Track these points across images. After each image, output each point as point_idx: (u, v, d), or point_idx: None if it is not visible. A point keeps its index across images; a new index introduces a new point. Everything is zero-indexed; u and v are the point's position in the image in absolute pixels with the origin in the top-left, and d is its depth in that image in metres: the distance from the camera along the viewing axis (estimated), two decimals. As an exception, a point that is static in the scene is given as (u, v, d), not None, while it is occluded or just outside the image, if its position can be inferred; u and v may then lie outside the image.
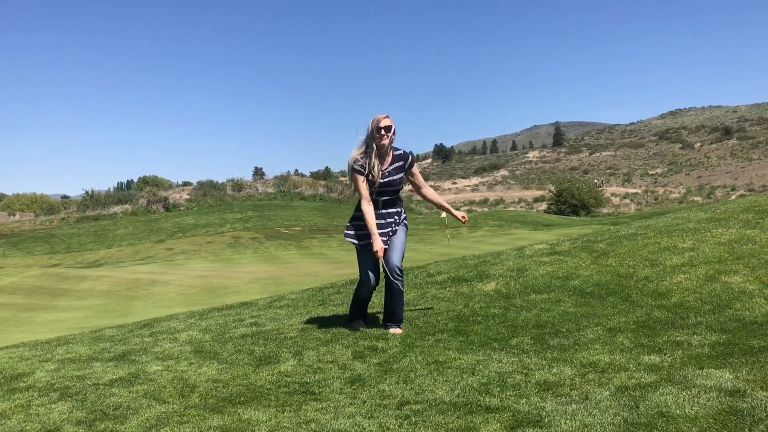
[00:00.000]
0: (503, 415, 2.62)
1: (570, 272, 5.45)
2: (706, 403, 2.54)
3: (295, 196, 49.06)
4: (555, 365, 3.26)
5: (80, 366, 4.05)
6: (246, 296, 10.70)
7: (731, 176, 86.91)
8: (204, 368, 3.77)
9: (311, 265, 18.01)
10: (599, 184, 72.42)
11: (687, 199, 66.58)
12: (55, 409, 3.13)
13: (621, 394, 2.74)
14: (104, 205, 48.34)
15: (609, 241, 6.39)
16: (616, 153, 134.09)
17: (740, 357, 3.09)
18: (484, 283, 5.62)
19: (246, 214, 38.53)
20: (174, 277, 15.57)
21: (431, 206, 62.28)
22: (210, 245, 29.12)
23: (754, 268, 4.64)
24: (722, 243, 5.39)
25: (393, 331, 4.31)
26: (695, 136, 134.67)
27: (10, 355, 4.64)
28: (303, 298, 6.43)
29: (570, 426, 2.44)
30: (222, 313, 6.10)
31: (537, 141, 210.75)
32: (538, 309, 4.56)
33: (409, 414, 2.72)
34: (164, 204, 45.88)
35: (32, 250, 33.20)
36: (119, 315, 10.09)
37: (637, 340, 3.58)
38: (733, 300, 4.17)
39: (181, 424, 2.79)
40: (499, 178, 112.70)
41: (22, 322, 9.79)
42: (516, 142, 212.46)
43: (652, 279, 4.86)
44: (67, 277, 15.39)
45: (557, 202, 50.10)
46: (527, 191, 77.28)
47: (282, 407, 2.97)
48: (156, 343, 4.65)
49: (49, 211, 53.46)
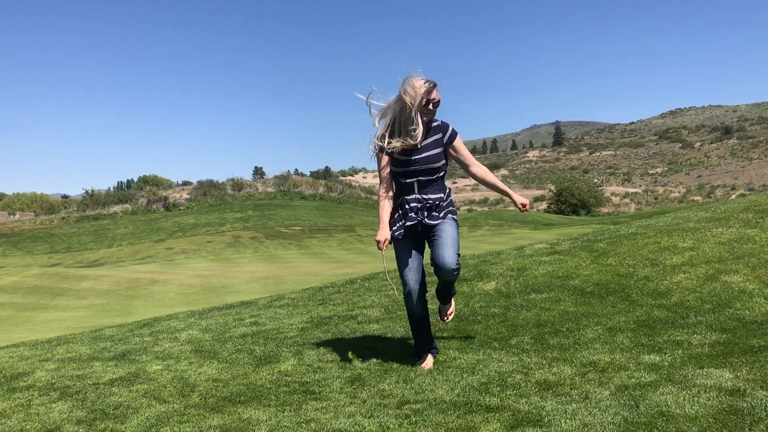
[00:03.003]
0: (503, 415, 2.62)
1: (570, 272, 5.45)
2: (706, 403, 2.54)
3: (295, 196, 49.04)
4: (555, 365, 3.26)
5: (80, 365, 4.06)
6: (246, 296, 10.70)
7: (731, 176, 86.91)
8: (204, 368, 3.77)
9: (311, 264, 18.01)
10: (599, 183, 72.41)
11: (687, 198, 66.58)
12: (55, 408, 3.13)
13: (621, 394, 2.74)
14: (104, 204, 48.34)
15: (609, 240, 6.39)
16: (616, 152, 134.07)
17: (740, 356, 3.09)
18: (484, 282, 5.62)
19: (246, 214, 38.53)
20: (174, 276, 15.57)
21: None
22: (210, 245, 29.12)
23: (754, 267, 4.64)
24: (722, 242, 5.39)
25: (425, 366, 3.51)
26: (695, 135, 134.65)
27: (10, 355, 4.64)
28: (303, 297, 6.43)
29: (570, 425, 2.44)
30: (222, 312, 6.11)
31: (537, 140, 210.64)
32: (538, 308, 4.56)
33: (409, 413, 2.72)
34: (164, 203, 45.87)
35: (32, 250, 33.20)
36: (119, 314, 10.09)
37: (637, 340, 3.58)
38: (733, 299, 4.17)
39: (181, 423, 2.79)
40: (499, 177, 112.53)
41: (22, 322, 9.79)
42: (516, 142, 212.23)
43: (652, 278, 4.86)
44: (67, 276, 15.39)
45: (557, 202, 50.12)
46: (527, 191, 77.27)
47: (282, 406, 2.97)
48: (156, 343, 4.66)
49: (49, 211, 53.47)
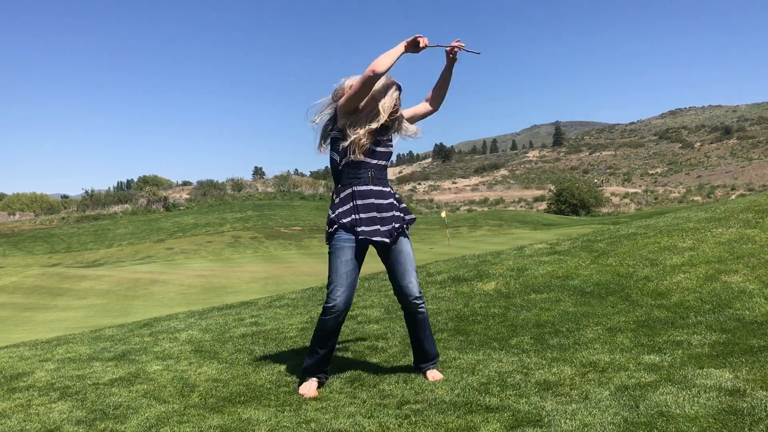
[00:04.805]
0: (503, 415, 2.62)
1: (570, 272, 5.45)
2: (706, 403, 2.54)
3: (295, 196, 49.07)
4: (555, 365, 3.26)
5: (80, 365, 4.05)
6: (246, 296, 10.71)
7: (731, 176, 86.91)
8: (204, 368, 3.77)
9: (311, 264, 18.01)
10: (599, 183, 72.45)
11: (687, 198, 66.62)
12: (55, 408, 3.13)
13: (621, 394, 2.74)
14: (104, 204, 48.37)
15: (609, 240, 6.39)
16: (616, 153, 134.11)
17: (740, 356, 3.09)
18: (484, 282, 5.62)
19: (246, 214, 38.54)
20: (174, 276, 15.57)
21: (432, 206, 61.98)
22: (210, 245, 29.12)
23: (754, 267, 4.64)
24: (722, 242, 5.39)
25: (432, 377, 3.23)
26: (695, 135, 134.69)
27: (10, 355, 4.63)
28: (303, 297, 6.43)
29: (570, 425, 2.44)
30: (222, 312, 6.11)
31: (537, 140, 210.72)
32: (538, 308, 4.56)
33: (409, 413, 2.72)
34: (164, 204, 45.89)
35: (32, 250, 33.21)
36: (119, 314, 10.09)
37: (637, 340, 3.58)
38: (733, 299, 4.17)
39: (181, 423, 2.79)
40: (499, 177, 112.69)
41: (22, 322, 9.79)
42: (516, 142, 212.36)
43: (652, 278, 4.86)
44: (67, 276, 15.39)
45: (557, 202, 50.17)
46: (527, 191, 77.29)
47: (282, 407, 2.97)
48: (156, 343, 4.65)
49: (49, 211, 53.49)
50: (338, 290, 3.16)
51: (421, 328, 3.30)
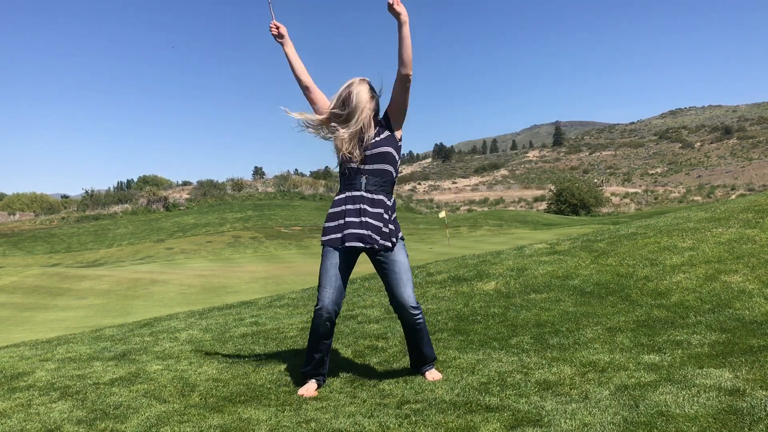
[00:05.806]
0: (503, 415, 2.62)
1: (570, 272, 5.46)
2: (706, 403, 2.54)
3: (295, 196, 49.08)
4: (555, 364, 3.27)
5: (80, 365, 4.06)
6: (246, 296, 10.71)
7: (731, 176, 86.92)
8: (204, 367, 3.77)
9: (311, 264, 18.01)
10: (599, 183, 72.46)
11: (687, 198, 66.64)
12: (55, 408, 3.13)
13: (621, 394, 2.74)
14: (104, 204, 48.37)
15: (609, 240, 6.39)
16: (616, 152, 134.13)
17: (740, 356, 3.10)
18: (484, 282, 5.62)
19: (246, 214, 38.55)
20: (174, 276, 15.58)
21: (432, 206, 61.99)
22: (210, 245, 29.13)
23: (754, 267, 4.65)
24: (722, 242, 5.39)
25: (432, 377, 3.25)
26: (695, 135, 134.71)
27: (11, 355, 4.64)
28: (303, 297, 6.44)
29: (570, 425, 2.44)
30: (222, 312, 6.11)
31: (537, 140, 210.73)
32: (537, 308, 4.56)
33: (409, 413, 2.73)
34: (164, 203, 45.89)
35: (32, 250, 33.21)
36: (119, 314, 10.10)
37: (637, 340, 3.58)
38: (732, 299, 4.17)
39: (182, 423, 2.80)
40: (499, 177, 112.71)
41: (23, 322, 9.79)
42: (516, 142, 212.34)
43: (651, 278, 4.86)
44: (67, 276, 15.40)
45: (557, 202, 50.17)
46: (527, 191, 77.31)
47: (282, 406, 2.97)
48: (156, 343, 4.66)
49: (49, 211, 53.48)
50: (325, 291, 3.20)
51: (419, 336, 3.30)
